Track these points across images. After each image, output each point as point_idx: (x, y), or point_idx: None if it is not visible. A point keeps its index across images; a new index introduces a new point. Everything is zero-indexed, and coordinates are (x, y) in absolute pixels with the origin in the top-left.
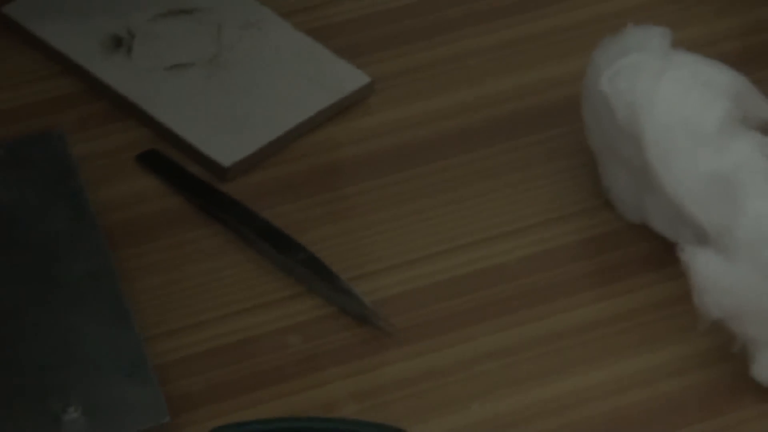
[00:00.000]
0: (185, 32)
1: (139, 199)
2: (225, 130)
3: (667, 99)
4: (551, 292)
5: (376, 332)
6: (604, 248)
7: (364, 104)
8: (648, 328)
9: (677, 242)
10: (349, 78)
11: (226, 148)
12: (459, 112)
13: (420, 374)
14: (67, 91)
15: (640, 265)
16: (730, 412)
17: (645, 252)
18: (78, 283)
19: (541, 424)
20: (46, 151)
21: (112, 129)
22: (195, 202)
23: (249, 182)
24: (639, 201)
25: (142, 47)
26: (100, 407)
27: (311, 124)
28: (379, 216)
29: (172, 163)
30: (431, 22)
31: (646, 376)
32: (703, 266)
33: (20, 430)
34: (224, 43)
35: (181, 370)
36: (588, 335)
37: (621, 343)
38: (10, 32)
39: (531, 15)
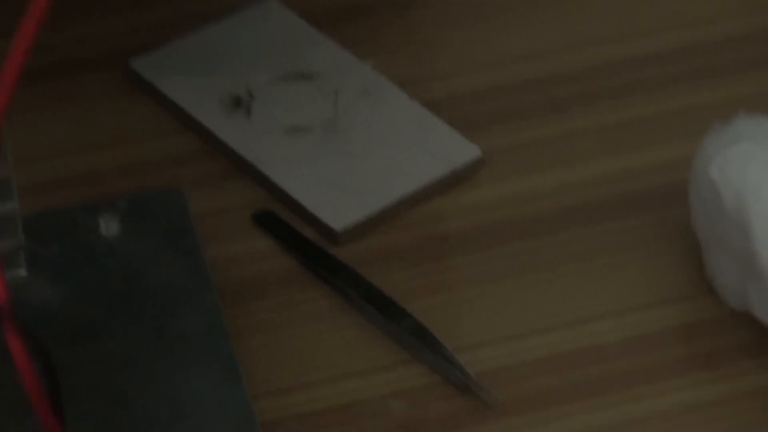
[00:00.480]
0: (304, 96)
1: (252, 257)
2: (338, 194)
3: None
4: (648, 374)
5: (478, 403)
6: (703, 333)
7: (474, 177)
8: (744, 416)
9: None
10: (461, 150)
11: (338, 213)
12: (566, 191)
13: None
14: (188, 148)
15: (740, 352)
16: None
17: (745, 339)
18: (190, 338)
19: None
20: (164, 206)
21: (228, 187)
22: (306, 264)
23: (359, 247)
24: (743, 288)
25: (261, 108)
26: None
27: (422, 195)
28: (483, 289)
29: (286, 225)
30: (542, 101)
31: None
32: None
33: None
34: (341, 108)
35: (285, 429)
36: (683, 419)
37: (716, 429)
38: (135, 86)
39: (639, 99)
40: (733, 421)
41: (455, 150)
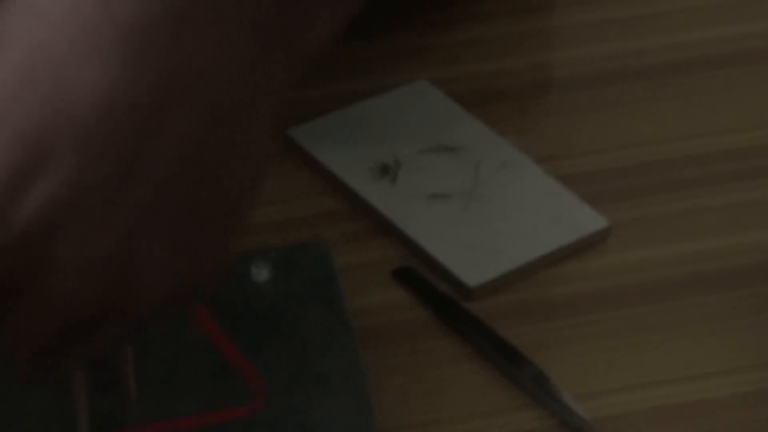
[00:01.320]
0: (447, 167)
1: (390, 308)
2: (473, 255)
3: None
4: (751, 427)
5: None
6: None
7: (600, 246)
8: None
9: None
10: (589, 221)
11: (473, 271)
12: (686, 261)
13: None
14: (335, 209)
15: None
16: None
17: None
18: (327, 376)
19: None
20: (312, 258)
21: (371, 245)
22: (440, 316)
23: (490, 303)
24: None
25: (406, 176)
26: None
27: (551, 258)
28: (601, 344)
29: (423, 280)
30: (668, 180)
31: None
32: None
33: None
34: (481, 179)
35: None
36: None
37: None
38: (290, 152)
39: (757, 182)
40: None
41: (584, 220)
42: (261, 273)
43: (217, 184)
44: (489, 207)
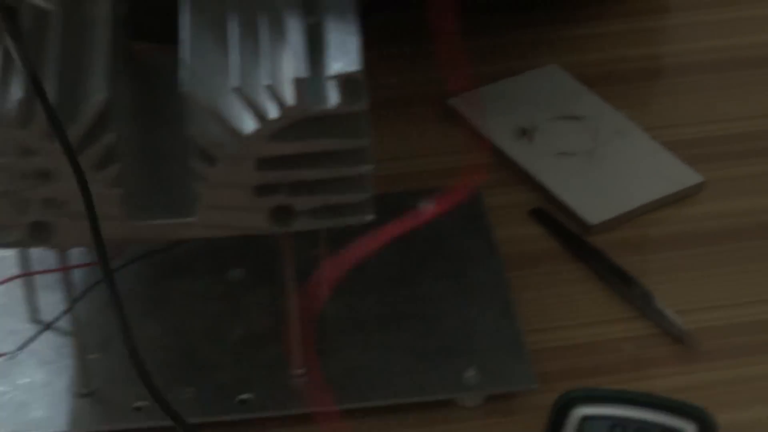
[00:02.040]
0: (572, 131)
1: (527, 239)
2: (593, 199)
3: None
4: None
5: (688, 351)
6: None
7: (696, 197)
8: None
9: None
10: (687, 176)
11: (593, 212)
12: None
13: (716, 383)
14: (484, 162)
15: None
16: None
17: None
18: (479, 288)
19: None
20: (469, 199)
21: (512, 190)
22: (566, 246)
23: (606, 237)
24: None
25: (540, 138)
26: (488, 371)
27: (655, 205)
28: (700, 272)
29: (553, 218)
30: (754, 147)
31: None
32: None
33: (434, 378)
34: (599, 141)
35: (544, 356)
36: None
37: None
38: (450, 118)
39: None
40: None
41: (682, 175)
42: (426, 208)
43: None
44: (605, 163)
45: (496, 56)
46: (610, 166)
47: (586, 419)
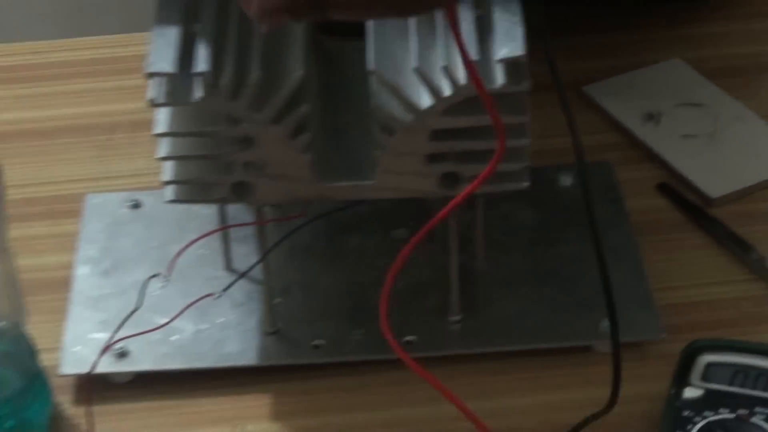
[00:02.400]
0: (694, 116)
1: (654, 210)
2: (714, 176)
3: None
4: None
5: None
6: None
7: None
8: None
9: None
10: None
11: (713, 187)
12: None
13: None
14: (616, 141)
15: None
16: None
17: None
18: (613, 251)
19: None
20: (601, 172)
21: (641, 167)
22: (689, 216)
23: (725, 210)
24: None
25: (666, 122)
26: (622, 322)
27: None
28: None
29: (678, 192)
30: None
31: None
32: None
33: (574, 328)
34: (719, 126)
35: (670, 311)
36: None
37: None
38: (583, 103)
39: None
40: None
41: None
42: (566, 179)
43: None
44: (725, 144)
45: (626, 50)
46: (729, 147)
47: (710, 365)
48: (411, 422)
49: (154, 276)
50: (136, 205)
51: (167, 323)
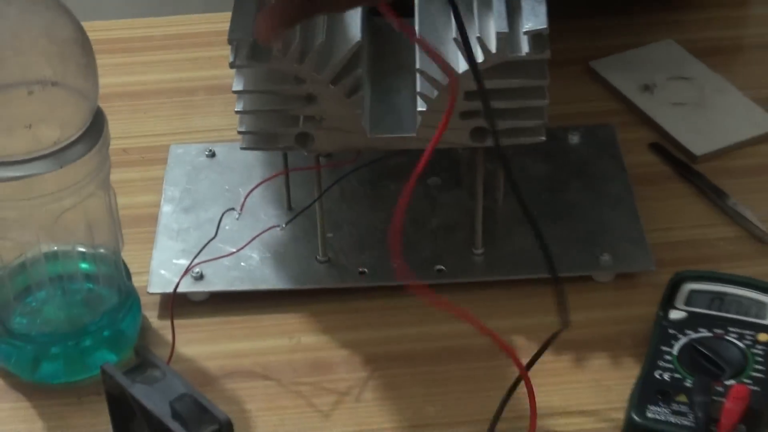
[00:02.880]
0: (684, 88)
1: (648, 165)
2: (698, 137)
3: None
4: None
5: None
6: None
7: None
8: None
9: None
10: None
11: (698, 146)
12: None
13: None
14: (617, 108)
15: None
16: None
17: None
18: (611, 197)
19: None
20: (604, 133)
21: (638, 130)
22: (677, 170)
23: (708, 165)
24: None
25: (659, 92)
26: (618, 256)
27: (744, 143)
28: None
29: (668, 150)
30: None
31: None
32: None
33: (578, 260)
34: (704, 96)
35: (659, 248)
36: None
37: None
38: (590, 76)
39: None
40: None
41: (764, 122)
42: (574, 138)
43: None
44: (708, 111)
45: (627, 31)
46: (711, 113)
47: (692, 292)
48: (437, 337)
49: (227, 211)
50: (212, 155)
51: (237, 251)
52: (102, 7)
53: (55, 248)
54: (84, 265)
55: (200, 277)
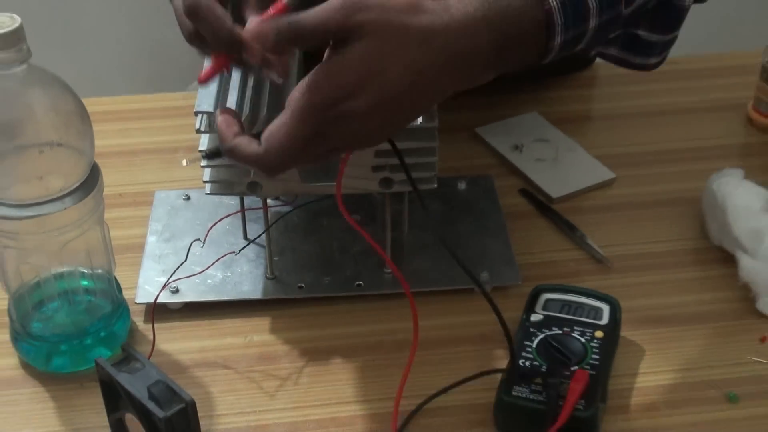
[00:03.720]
0: (544, 148)
1: (517, 205)
2: (554, 184)
3: (738, 196)
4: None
5: (606, 267)
6: (708, 253)
7: (611, 185)
8: None
9: (734, 251)
10: (605, 173)
11: (554, 190)
12: (662, 183)
13: (620, 285)
14: (494, 163)
15: (721, 260)
16: None
17: (723, 255)
18: (491, 230)
19: None
20: (485, 183)
21: (510, 179)
22: (539, 210)
23: (562, 206)
24: (721, 236)
25: (526, 151)
26: (495, 273)
27: (588, 189)
28: (612, 226)
29: (532, 194)
30: (652, 158)
31: None
32: (747, 261)
33: (463, 277)
34: (559, 154)
35: (525, 267)
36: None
37: None
38: (475, 139)
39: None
40: None
41: (603, 173)
42: (462, 185)
43: (411, 112)
44: (561, 165)
45: (503, 105)
46: (564, 167)
47: (548, 300)
48: (355, 335)
49: (194, 241)
50: (187, 198)
51: (203, 271)
52: (106, 85)
53: (62, 270)
54: (85, 282)
55: (176, 291)
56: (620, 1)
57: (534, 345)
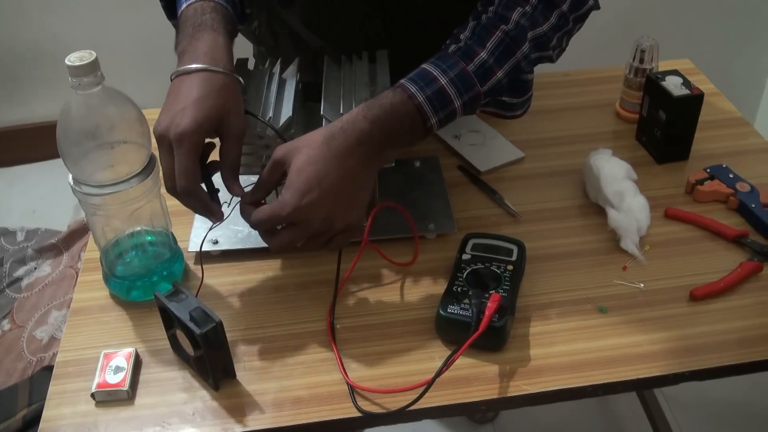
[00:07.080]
0: (475, 136)
1: (455, 177)
2: (483, 161)
3: (608, 168)
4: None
5: (517, 220)
6: (587, 208)
7: (521, 161)
8: None
9: (605, 207)
10: (516, 153)
11: (482, 165)
12: (553, 159)
13: (526, 232)
14: (440, 148)
15: (596, 213)
16: None
17: (597, 209)
18: (436, 194)
19: None
20: (433, 161)
21: (451, 159)
22: (471, 180)
23: (488, 176)
24: (596, 195)
25: (463, 138)
26: (438, 224)
27: (506, 165)
28: (522, 191)
29: (467, 169)
30: (556, 141)
31: None
32: (613, 213)
33: (417, 228)
34: (486, 140)
35: (460, 221)
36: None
37: None
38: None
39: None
40: None
41: (516, 153)
42: (417, 163)
43: (356, 201)
44: (487, 147)
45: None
46: (489, 149)
47: (474, 244)
48: (343, 270)
49: (224, 204)
50: None
51: (235, 228)
52: (160, 98)
53: (133, 230)
54: (149, 238)
55: (216, 242)
56: (475, 84)
57: (464, 276)
